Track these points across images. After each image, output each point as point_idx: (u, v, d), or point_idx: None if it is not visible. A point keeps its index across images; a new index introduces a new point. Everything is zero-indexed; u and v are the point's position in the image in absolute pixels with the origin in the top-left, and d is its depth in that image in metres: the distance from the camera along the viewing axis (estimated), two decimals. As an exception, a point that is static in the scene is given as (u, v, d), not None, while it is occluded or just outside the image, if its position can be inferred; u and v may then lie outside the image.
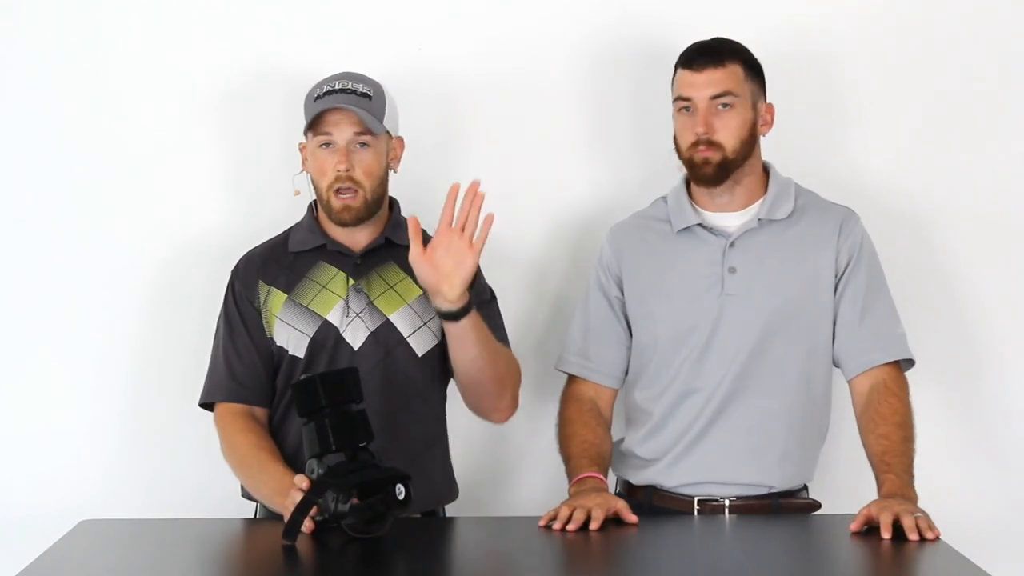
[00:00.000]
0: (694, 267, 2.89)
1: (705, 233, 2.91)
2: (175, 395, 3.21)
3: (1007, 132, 3.31)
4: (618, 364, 2.97)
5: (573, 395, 2.98)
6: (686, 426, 2.87)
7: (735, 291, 2.86)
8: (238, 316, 2.91)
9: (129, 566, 2.59)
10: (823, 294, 2.86)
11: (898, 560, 2.51)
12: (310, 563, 2.55)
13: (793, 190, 2.93)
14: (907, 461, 2.76)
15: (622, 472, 2.98)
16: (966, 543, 2.55)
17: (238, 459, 2.86)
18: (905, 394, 2.84)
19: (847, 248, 2.87)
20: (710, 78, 2.85)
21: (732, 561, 2.60)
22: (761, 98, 2.91)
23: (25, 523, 3.13)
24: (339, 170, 2.83)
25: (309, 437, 2.59)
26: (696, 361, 2.86)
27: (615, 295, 2.97)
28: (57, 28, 3.27)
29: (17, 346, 3.29)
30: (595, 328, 2.97)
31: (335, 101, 2.83)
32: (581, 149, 3.31)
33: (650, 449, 2.91)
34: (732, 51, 2.87)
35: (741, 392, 2.85)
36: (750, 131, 2.87)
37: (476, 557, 2.70)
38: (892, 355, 2.85)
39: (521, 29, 3.30)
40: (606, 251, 3.00)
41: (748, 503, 2.85)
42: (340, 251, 2.90)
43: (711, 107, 2.85)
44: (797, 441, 2.86)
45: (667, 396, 2.89)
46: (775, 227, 2.89)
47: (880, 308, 2.87)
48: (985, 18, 3.30)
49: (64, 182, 3.28)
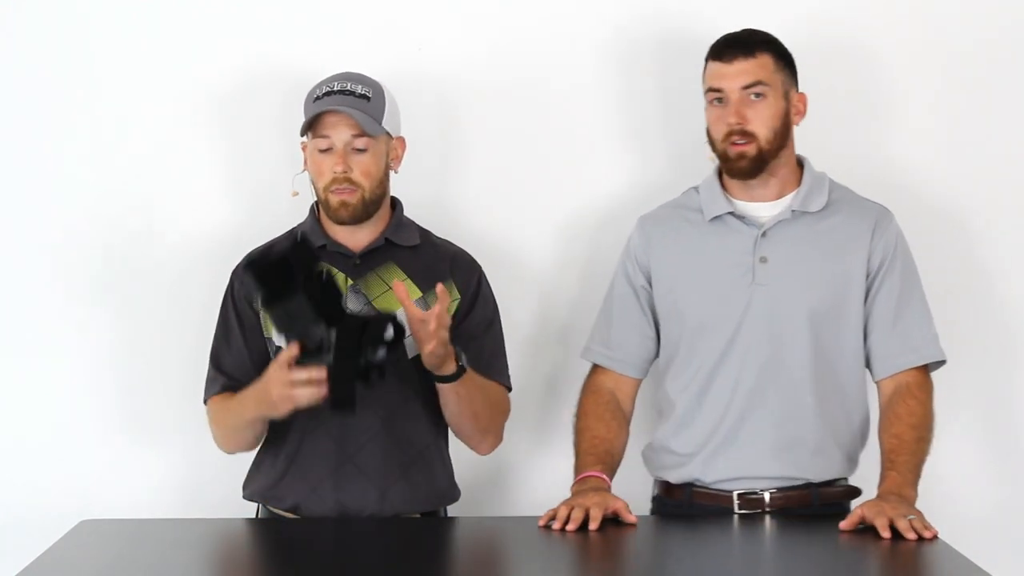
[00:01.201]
0: (725, 256, 2.88)
1: (737, 222, 2.89)
2: (176, 395, 3.22)
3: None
4: (640, 354, 2.97)
5: (592, 386, 2.98)
6: (718, 418, 2.85)
7: (765, 281, 2.85)
8: (234, 318, 2.92)
9: (129, 566, 2.58)
10: (854, 290, 2.85)
11: (897, 560, 2.51)
12: (310, 563, 2.55)
13: (827, 184, 2.91)
14: (915, 461, 2.76)
15: (658, 472, 2.95)
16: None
17: (221, 416, 2.88)
18: (927, 397, 2.83)
19: (881, 249, 2.86)
20: (741, 68, 2.84)
21: (732, 561, 2.60)
22: (793, 88, 2.88)
23: (25, 523, 3.13)
24: (336, 172, 2.83)
25: (297, 309, 2.58)
26: (724, 350, 2.85)
27: (641, 284, 2.96)
28: (57, 28, 3.26)
29: (17, 346, 3.29)
30: (618, 317, 2.97)
31: (333, 103, 2.82)
32: (604, 143, 3.31)
33: (683, 442, 2.88)
34: (762, 41, 2.86)
35: (771, 383, 2.83)
36: (783, 121, 2.86)
37: (476, 557, 2.70)
38: (921, 359, 2.85)
39: (540, 28, 3.30)
40: (635, 240, 2.99)
41: (787, 494, 2.83)
42: (340, 251, 2.90)
43: (743, 98, 2.84)
44: (832, 436, 2.85)
45: (695, 385, 2.87)
46: (808, 219, 2.88)
47: (912, 310, 2.86)
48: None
49: (65, 182, 3.28)
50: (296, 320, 2.60)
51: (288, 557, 2.59)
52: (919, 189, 3.27)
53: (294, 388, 2.64)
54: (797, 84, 2.91)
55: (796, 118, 2.89)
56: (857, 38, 3.29)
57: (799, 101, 2.90)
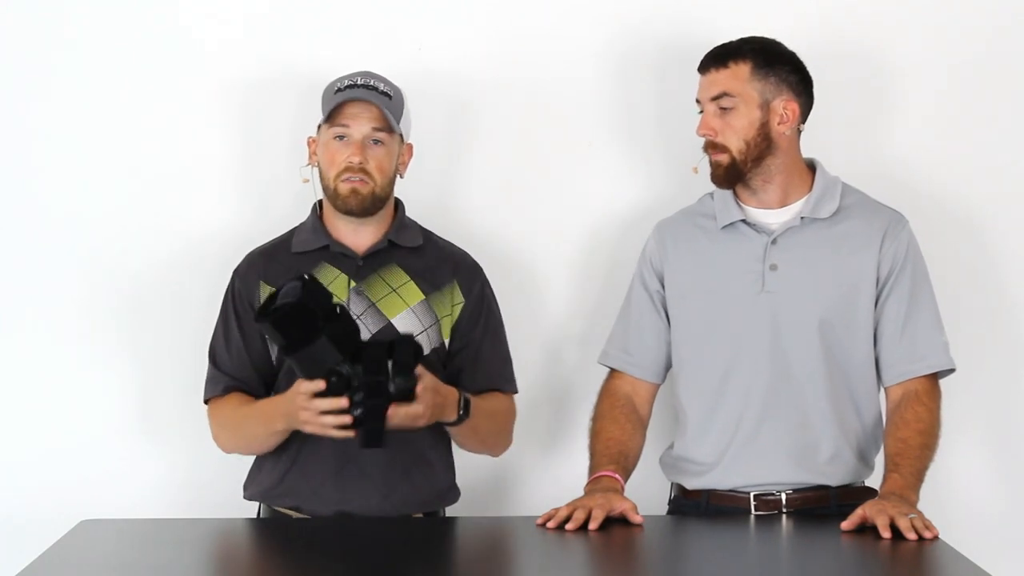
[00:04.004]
0: (736, 263, 2.88)
1: (748, 229, 2.89)
2: (177, 394, 3.22)
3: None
4: (657, 359, 2.97)
5: (609, 390, 2.98)
6: (733, 426, 2.85)
7: (775, 288, 2.85)
8: (234, 317, 2.92)
9: (129, 566, 2.58)
10: (863, 296, 2.85)
11: (898, 559, 2.51)
12: (311, 563, 2.55)
13: (839, 189, 2.91)
14: (919, 465, 2.76)
15: (676, 477, 2.96)
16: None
17: (228, 420, 2.88)
18: (935, 404, 2.83)
19: (890, 256, 2.85)
20: (711, 79, 2.86)
21: (733, 561, 2.60)
22: (780, 96, 2.86)
23: (25, 523, 3.13)
24: (352, 162, 2.83)
25: (322, 352, 2.56)
26: (734, 358, 2.85)
27: (656, 289, 2.96)
28: (66, 26, 3.27)
29: (18, 345, 3.28)
30: (635, 322, 2.97)
31: (357, 94, 2.84)
32: (609, 145, 3.31)
33: (702, 452, 2.88)
34: (741, 51, 2.86)
35: (784, 390, 2.84)
36: (759, 130, 2.85)
37: (476, 557, 2.70)
38: (929, 368, 2.85)
39: (540, 28, 3.30)
40: (651, 245, 3.00)
41: (805, 495, 2.83)
42: (342, 252, 2.90)
43: (714, 109, 2.85)
44: (847, 441, 2.85)
45: (708, 392, 2.88)
46: (818, 225, 2.87)
47: (922, 318, 2.86)
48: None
49: (70, 182, 3.28)
50: (322, 363, 2.58)
51: (289, 557, 2.59)
52: (928, 190, 3.27)
53: (321, 418, 2.63)
54: (791, 91, 2.87)
55: (781, 127, 2.86)
56: (863, 39, 3.29)
57: (786, 109, 2.86)
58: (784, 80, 2.86)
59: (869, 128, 3.30)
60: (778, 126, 2.86)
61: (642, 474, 2.92)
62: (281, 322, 2.56)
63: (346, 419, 2.60)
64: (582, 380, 3.19)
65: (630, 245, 3.11)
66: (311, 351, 2.57)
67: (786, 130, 2.87)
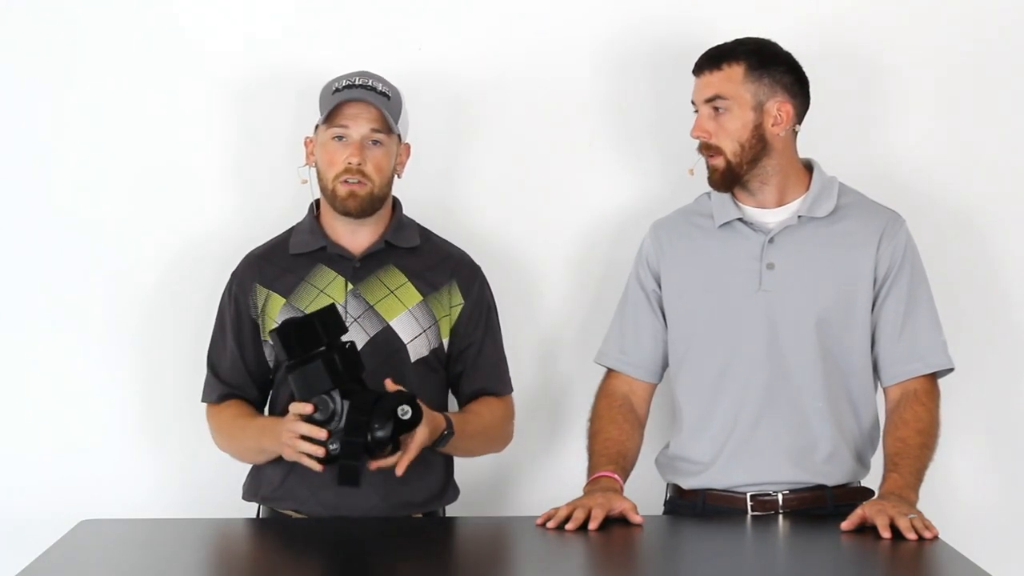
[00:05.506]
0: (733, 262, 2.88)
1: (745, 228, 2.90)
2: (176, 395, 3.22)
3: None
4: (654, 359, 2.97)
5: (606, 390, 2.98)
6: (730, 425, 2.85)
7: (772, 287, 2.85)
8: (229, 323, 2.92)
9: (129, 566, 2.59)
10: (861, 296, 2.85)
11: (898, 559, 2.51)
12: (310, 563, 2.54)
13: (836, 189, 2.91)
14: (918, 465, 2.76)
15: (672, 477, 2.96)
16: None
17: (225, 428, 2.89)
18: (934, 404, 2.83)
19: (888, 256, 2.85)
20: (705, 82, 2.87)
21: (732, 560, 2.60)
22: (774, 97, 2.85)
23: (25, 523, 3.13)
24: (351, 163, 2.83)
25: (314, 375, 2.58)
26: (731, 357, 2.86)
27: (652, 288, 2.96)
28: (65, 27, 3.27)
29: (18, 345, 3.28)
30: (632, 322, 2.97)
31: (356, 95, 2.84)
32: (607, 145, 3.31)
33: (698, 451, 2.88)
34: (735, 53, 2.86)
35: (781, 390, 2.84)
36: (753, 132, 2.85)
37: (476, 557, 2.70)
38: (927, 368, 2.85)
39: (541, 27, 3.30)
40: (647, 245, 3.00)
41: (801, 495, 2.83)
42: (340, 254, 2.90)
43: (708, 111, 2.86)
44: (844, 441, 2.85)
45: (704, 391, 2.88)
46: (815, 224, 2.88)
47: (920, 318, 2.86)
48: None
49: (69, 182, 3.28)
50: (312, 386, 2.60)
51: (288, 557, 2.59)
52: (927, 190, 3.27)
53: (298, 442, 2.64)
54: (786, 92, 2.86)
55: (776, 128, 2.85)
56: (862, 39, 3.29)
57: (780, 110, 2.85)
58: (778, 81, 2.86)
59: (868, 128, 3.30)
60: (772, 128, 2.86)
61: (637, 474, 2.92)
62: (285, 334, 2.60)
63: (319, 451, 2.61)
64: (580, 379, 3.19)
65: (628, 244, 3.10)
66: (305, 372, 2.59)
67: (780, 131, 2.86)
